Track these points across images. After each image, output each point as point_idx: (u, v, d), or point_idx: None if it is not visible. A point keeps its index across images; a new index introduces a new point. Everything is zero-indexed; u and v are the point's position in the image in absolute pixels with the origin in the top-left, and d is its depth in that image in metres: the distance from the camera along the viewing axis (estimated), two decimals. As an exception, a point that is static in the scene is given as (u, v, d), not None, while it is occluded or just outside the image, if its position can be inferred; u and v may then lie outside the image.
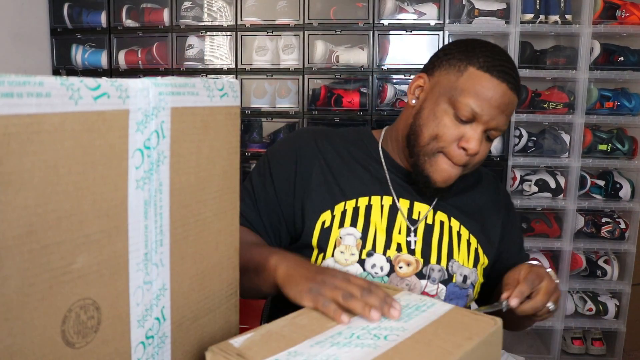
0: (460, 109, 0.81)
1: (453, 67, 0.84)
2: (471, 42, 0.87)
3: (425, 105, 0.86)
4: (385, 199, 0.90)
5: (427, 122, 0.85)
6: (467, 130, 0.82)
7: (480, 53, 0.83)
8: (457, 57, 0.85)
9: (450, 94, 0.83)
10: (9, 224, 0.37)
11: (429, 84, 0.88)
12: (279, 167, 0.92)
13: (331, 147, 0.93)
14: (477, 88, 0.81)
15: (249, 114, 2.16)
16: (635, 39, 2.07)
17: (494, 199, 0.98)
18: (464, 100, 0.81)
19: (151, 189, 0.48)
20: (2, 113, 0.35)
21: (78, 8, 2.22)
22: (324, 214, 0.89)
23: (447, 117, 0.83)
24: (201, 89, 0.52)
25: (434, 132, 0.84)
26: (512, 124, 2.04)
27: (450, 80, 0.84)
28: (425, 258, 0.88)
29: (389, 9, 2.05)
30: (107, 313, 0.45)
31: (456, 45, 0.87)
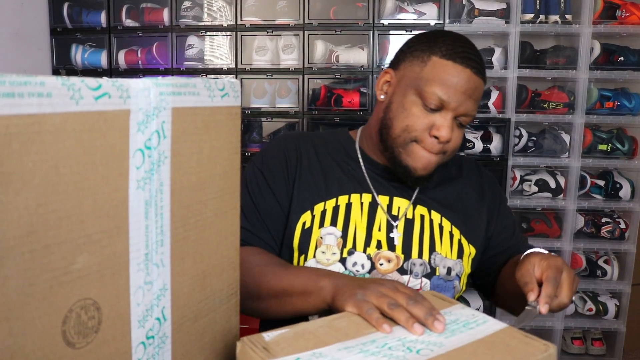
0: (427, 98, 0.83)
1: (417, 58, 0.86)
2: (433, 33, 0.89)
3: (393, 99, 0.88)
4: (365, 196, 0.91)
5: (397, 114, 0.86)
6: (436, 119, 0.84)
7: (442, 42, 0.85)
8: (420, 48, 0.87)
9: (417, 85, 0.84)
10: (9, 224, 0.37)
11: (396, 78, 0.89)
12: (273, 175, 0.92)
13: (312, 149, 0.94)
14: (442, 76, 0.82)
15: (249, 114, 2.16)
16: (636, 38, 2.07)
17: (476, 187, 0.98)
18: (430, 89, 0.82)
19: (152, 189, 0.48)
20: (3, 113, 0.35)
21: (78, 8, 2.22)
22: (304, 214, 0.90)
23: (415, 107, 0.84)
24: (202, 89, 0.52)
25: (404, 123, 0.85)
26: (512, 124, 2.04)
27: (415, 71, 0.85)
28: (406, 253, 0.89)
29: (389, 9, 2.05)
30: (108, 313, 0.45)
31: (419, 38, 0.89)
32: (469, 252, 0.92)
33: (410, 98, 0.85)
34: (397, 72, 0.89)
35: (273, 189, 0.91)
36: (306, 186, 0.91)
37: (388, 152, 0.89)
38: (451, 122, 0.84)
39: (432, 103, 0.83)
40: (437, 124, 0.84)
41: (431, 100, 0.83)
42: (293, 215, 0.90)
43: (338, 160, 0.94)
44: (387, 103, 0.89)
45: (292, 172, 0.92)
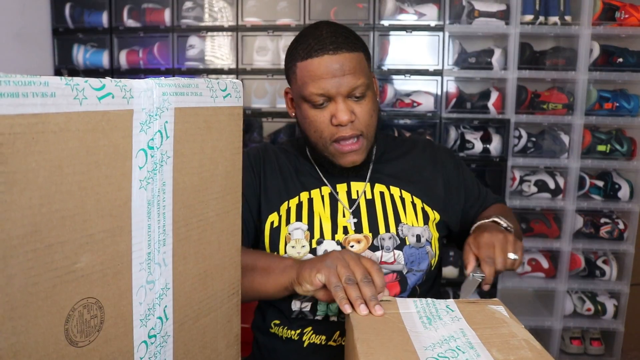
0: (310, 99, 0.89)
1: (290, 71, 0.93)
2: (293, 41, 0.94)
3: (297, 113, 0.96)
4: (324, 189, 0.97)
5: (304, 124, 0.93)
6: (331, 110, 0.89)
7: (299, 46, 0.91)
8: (288, 61, 0.94)
9: (300, 94, 0.91)
10: (13, 224, 0.37)
11: (292, 94, 0.97)
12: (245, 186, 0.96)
13: (273, 157, 1.01)
14: (308, 75, 0.88)
15: (249, 114, 2.16)
16: (635, 40, 2.07)
17: (430, 157, 1.03)
18: (307, 91, 0.88)
19: (154, 189, 0.48)
20: (7, 113, 0.35)
21: (79, 8, 2.22)
22: (271, 215, 0.96)
23: (310, 111, 0.90)
24: (204, 90, 0.52)
25: (311, 129, 0.92)
26: (511, 125, 2.04)
27: (294, 83, 0.93)
28: (374, 231, 0.93)
29: (389, 10, 2.05)
30: (110, 312, 0.45)
31: (287, 51, 0.95)
32: (433, 217, 0.98)
33: (303, 106, 0.91)
34: (291, 89, 0.97)
35: (247, 198, 0.97)
36: (270, 191, 0.97)
37: (320, 158, 0.96)
38: (344, 104, 0.88)
39: (315, 101, 0.88)
40: (333, 113, 0.88)
41: (313, 99, 0.88)
42: (262, 218, 0.96)
43: (296, 164, 1.01)
44: (297, 118, 0.97)
45: (258, 182, 0.98)
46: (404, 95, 2.12)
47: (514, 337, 0.62)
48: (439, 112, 2.07)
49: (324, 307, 0.91)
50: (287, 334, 0.92)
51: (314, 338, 0.91)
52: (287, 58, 0.94)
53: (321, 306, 0.91)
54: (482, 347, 0.59)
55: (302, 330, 0.91)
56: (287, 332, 0.92)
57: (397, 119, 2.09)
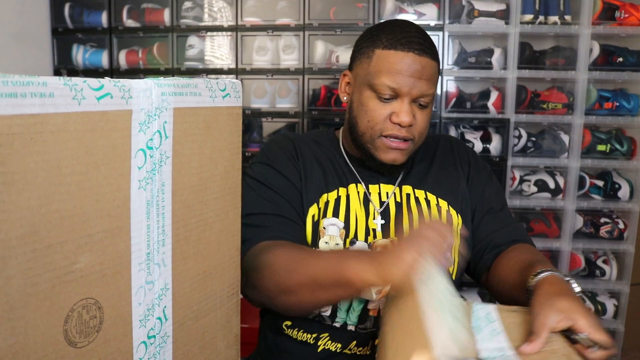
0: (379, 90, 0.87)
1: (363, 55, 0.90)
2: (376, 27, 0.92)
3: (354, 98, 0.92)
4: (359, 186, 0.95)
5: (359, 112, 0.90)
6: (394, 107, 0.87)
7: (383, 34, 0.88)
8: (365, 45, 0.91)
9: (368, 80, 0.88)
10: (12, 224, 0.37)
11: (353, 78, 0.94)
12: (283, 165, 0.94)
13: (307, 148, 0.98)
14: (386, 66, 0.86)
15: (249, 114, 2.16)
16: (634, 39, 2.07)
17: (452, 158, 1.01)
18: (379, 81, 0.86)
19: (153, 189, 0.48)
20: (6, 113, 0.35)
21: (79, 8, 2.22)
22: (312, 207, 0.92)
23: (372, 101, 0.88)
24: (203, 90, 0.52)
25: (365, 119, 0.89)
26: (511, 125, 2.04)
27: (364, 68, 0.89)
28: (400, 236, 0.90)
29: (389, 10, 2.05)
30: (109, 313, 0.45)
31: (363, 35, 0.93)
32: (457, 222, 0.95)
33: (365, 94, 0.89)
34: (353, 72, 0.94)
35: (286, 175, 0.93)
36: (310, 181, 0.94)
37: (360, 149, 0.93)
38: (409, 106, 0.87)
39: (384, 93, 0.86)
40: (395, 111, 0.87)
41: (382, 91, 0.86)
42: (304, 210, 0.92)
43: (330, 158, 0.98)
44: (350, 103, 0.94)
45: (298, 168, 0.94)
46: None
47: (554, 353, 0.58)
48: (438, 111, 2.07)
49: (343, 314, 0.89)
50: (303, 337, 0.90)
51: (330, 345, 0.89)
52: (363, 42, 0.91)
53: (341, 313, 0.89)
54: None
55: (318, 335, 0.89)
56: (303, 335, 0.90)
57: (397, 118, 2.08)
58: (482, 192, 0.98)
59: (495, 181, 1.02)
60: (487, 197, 0.98)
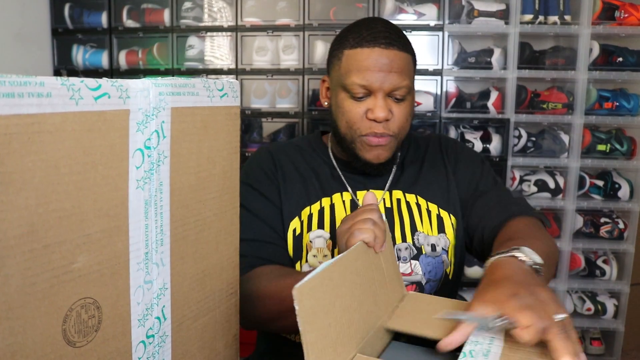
0: (350, 89, 0.86)
1: (335, 58, 0.91)
2: (345, 29, 0.93)
3: (332, 102, 0.93)
4: (345, 194, 0.94)
5: (337, 114, 0.91)
6: (369, 104, 0.87)
7: (350, 34, 0.89)
8: (335, 48, 0.91)
9: (340, 82, 0.88)
10: (10, 224, 0.37)
11: (330, 82, 0.94)
12: (262, 184, 0.94)
13: (287, 159, 0.97)
14: (355, 64, 0.86)
15: (249, 114, 2.16)
16: (634, 39, 2.07)
17: (440, 158, 1.00)
18: (349, 80, 0.86)
19: (151, 188, 0.48)
20: (3, 113, 0.35)
21: (79, 8, 2.22)
22: (293, 221, 0.92)
23: (346, 102, 0.88)
24: (201, 89, 0.52)
25: (344, 120, 0.89)
26: (511, 125, 2.04)
27: (336, 71, 0.90)
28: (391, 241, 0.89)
29: (389, 10, 2.05)
30: (108, 312, 0.45)
31: (335, 38, 0.94)
32: (450, 223, 0.94)
33: (340, 96, 0.89)
34: (330, 77, 0.94)
35: (267, 195, 0.93)
36: (290, 195, 0.94)
37: (345, 151, 0.93)
38: (383, 101, 0.86)
39: (356, 92, 0.86)
40: (370, 108, 0.86)
41: (354, 90, 0.86)
42: (284, 225, 0.92)
43: (314, 166, 0.97)
44: (330, 107, 0.94)
45: (276, 184, 0.94)
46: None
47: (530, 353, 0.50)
48: (438, 111, 2.06)
49: None
50: (298, 339, 0.91)
51: None
52: (333, 45, 0.92)
53: None
54: None
55: None
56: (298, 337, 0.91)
57: (397, 118, 2.08)
58: (470, 179, 0.97)
59: (485, 167, 1.00)
60: (474, 183, 0.96)
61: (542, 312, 0.51)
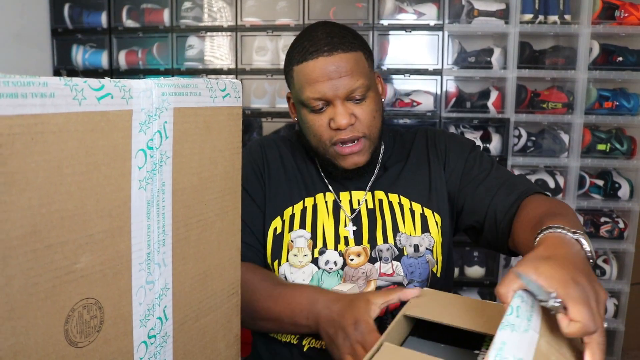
0: (308, 104, 0.86)
1: (288, 75, 0.91)
2: (291, 45, 0.92)
3: (297, 117, 0.93)
4: (328, 195, 0.95)
5: (305, 130, 0.91)
6: (330, 113, 0.86)
7: (294, 51, 0.88)
8: (286, 65, 0.91)
9: (298, 99, 0.89)
10: (12, 224, 0.37)
11: (292, 98, 0.94)
12: (250, 184, 0.95)
13: (277, 155, 0.98)
14: (304, 79, 0.86)
15: (249, 114, 2.16)
16: (634, 39, 2.07)
17: (426, 154, 0.97)
18: (304, 95, 0.86)
19: (154, 189, 0.48)
20: (7, 113, 0.35)
21: (78, 8, 2.22)
22: (275, 220, 0.93)
23: (309, 116, 0.88)
24: (204, 90, 0.52)
25: (311, 134, 0.89)
26: (511, 124, 2.04)
27: (292, 88, 0.91)
28: (372, 242, 0.91)
29: (389, 9, 2.05)
30: (110, 312, 0.45)
31: (286, 55, 0.93)
32: (434, 221, 0.92)
33: (302, 112, 0.89)
34: (291, 92, 0.94)
35: (252, 196, 0.94)
36: (275, 193, 0.94)
37: (320, 161, 0.94)
38: (342, 108, 0.85)
39: (314, 106, 0.86)
40: (331, 117, 0.86)
41: (311, 104, 0.86)
42: (265, 223, 0.93)
43: (299, 164, 0.98)
44: (298, 122, 0.95)
45: (263, 181, 0.95)
46: (403, 94, 2.12)
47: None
48: (438, 111, 2.07)
49: None
50: (287, 338, 0.91)
51: (314, 343, 0.89)
52: (285, 62, 0.92)
53: None
54: None
55: (301, 335, 0.90)
56: (287, 336, 0.91)
57: (397, 118, 2.09)
58: (463, 169, 0.94)
59: (478, 152, 0.97)
60: (469, 171, 0.93)
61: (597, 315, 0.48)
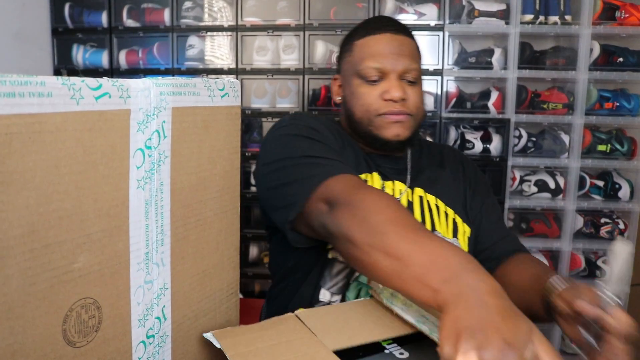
0: (365, 74, 0.90)
1: (346, 52, 0.96)
2: (353, 29, 0.98)
3: (346, 93, 0.97)
4: (375, 176, 0.94)
5: (352, 102, 0.94)
6: (383, 86, 0.90)
7: (359, 27, 0.95)
8: (345, 42, 0.97)
9: (353, 70, 0.93)
10: (10, 224, 0.37)
11: (342, 78, 0.99)
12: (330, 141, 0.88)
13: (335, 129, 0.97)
14: (367, 51, 0.91)
15: (249, 114, 2.16)
16: (635, 39, 2.07)
17: (456, 169, 1.02)
18: (363, 64, 0.90)
19: (152, 188, 0.48)
20: (4, 113, 0.35)
21: (79, 8, 2.22)
22: None
23: (361, 87, 0.92)
24: (202, 89, 0.52)
25: (360, 104, 0.92)
26: (511, 125, 2.04)
27: (348, 62, 0.95)
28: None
29: (389, 10, 2.05)
30: (108, 312, 0.45)
31: (342, 40, 1.00)
32: (463, 230, 0.95)
33: (354, 83, 0.93)
34: (341, 73, 0.99)
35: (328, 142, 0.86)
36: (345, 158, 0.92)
37: (363, 136, 0.95)
38: (397, 82, 0.90)
39: (371, 76, 0.90)
40: (385, 89, 0.90)
41: (369, 73, 0.90)
42: None
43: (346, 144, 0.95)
44: (343, 100, 0.98)
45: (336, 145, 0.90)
46: (403, 95, 2.12)
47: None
48: (439, 111, 2.06)
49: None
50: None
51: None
52: (343, 43, 0.97)
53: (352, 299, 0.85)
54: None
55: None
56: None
57: (397, 118, 2.08)
58: (483, 202, 1.00)
59: (492, 194, 1.05)
60: (487, 207, 1.00)
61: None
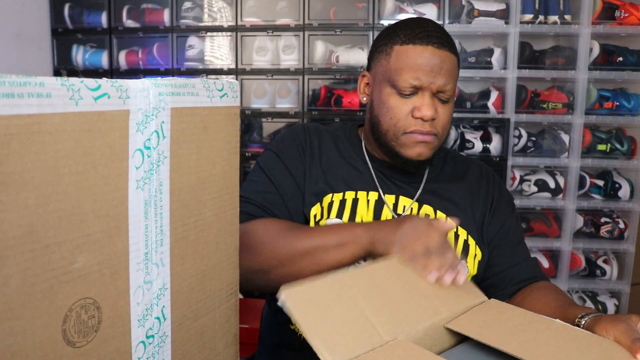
0: (399, 86, 0.86)
1: (382, 53, 0.90)
2: (392, 25, 0.92)
3: (374, 97, 0.92)
4: (372, 194, 0.92)
5: (380, 110, 0.89)
6: (415, 102, 0.86)
7: (400, 30, 0.88)
8: (383, 43, 0.90)
9: (388, 77, 0.88)
10: (9, 224, 0.37)
11: (371, 78, 0.93)
12: (289, 157, 0.93)
13: (321, 143, 0.96)
14: (406, 61, 0.85)
15: (249, 114, 2.16)
16: (634, 39, 2.07)
17: (478, 187, 0.97)
18: (399, 76, 0.85)
19: (151, 189, 0.48)
20: (3, 113, 0.35)
21: (79, 8, 2.22)
22: (314, 207, 0.91)
23: (393, 98, 0.87)
24: (201, 90, 0.52)
25: (388, 116, 0.88)
26: (511, 124, 2.04)
27: (383, 65, 0.89)
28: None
29: (389, 10, 2.05)
30: (108, 312, 0.45)
31: (381, 34, 0.93)
32: (474, 253, 0.92)
33: (386, 91, 0.88)
34: (372, 72, 0.93)
35: (290, 169, 0.92)
36: (315, 179, 0.92)
37: (384, 147, 0.92)
38: (430, 100, 0.86)
39: (405, 89, 0.86)
40: (417, 105, 0.86)
41: (404, 86, 0.85)
42: (305, 206, 0.91)
43: (346, 157, 0.95)
44: (370, 103, 0.93)
45: (305, 162, 0.93)
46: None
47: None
48: (438, 111, 2.06)
49: None
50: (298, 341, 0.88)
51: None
52: (380, 39, 0.91)
53: None
54: None
55: None
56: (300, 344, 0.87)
57: (397, 118, 2.09)
58: (503, 224, 0.96)
59: (516, 215, 1.00)
60: (507, 229, 0.96)
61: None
